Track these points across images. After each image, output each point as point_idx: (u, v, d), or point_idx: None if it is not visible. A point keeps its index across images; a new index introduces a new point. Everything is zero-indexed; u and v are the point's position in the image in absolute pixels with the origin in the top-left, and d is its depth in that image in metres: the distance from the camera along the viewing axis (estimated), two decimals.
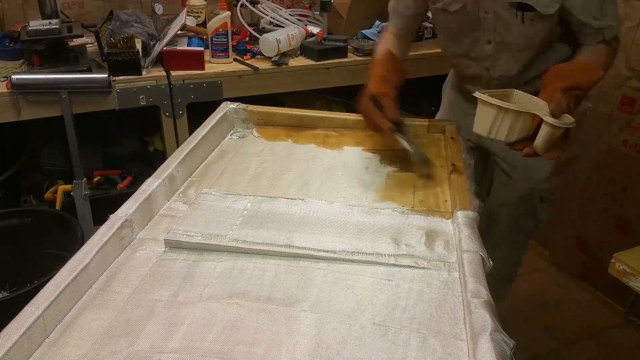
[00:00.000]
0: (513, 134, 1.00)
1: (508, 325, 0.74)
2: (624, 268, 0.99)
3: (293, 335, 0.72)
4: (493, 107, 0.99)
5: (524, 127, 0.99)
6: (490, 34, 1.24)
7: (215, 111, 1.33)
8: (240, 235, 0.91)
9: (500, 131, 1.00)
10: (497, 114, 0.99)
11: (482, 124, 1.02)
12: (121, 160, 2.00)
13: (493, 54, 1.28)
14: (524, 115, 0.98)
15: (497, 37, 1.24)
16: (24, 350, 0.67)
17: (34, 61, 1.67)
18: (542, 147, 0.97)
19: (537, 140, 0.97)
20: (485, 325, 0.69)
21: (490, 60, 1.30)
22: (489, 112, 1.00)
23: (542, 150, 0.98)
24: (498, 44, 1.25)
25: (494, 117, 0.99)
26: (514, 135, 1.00)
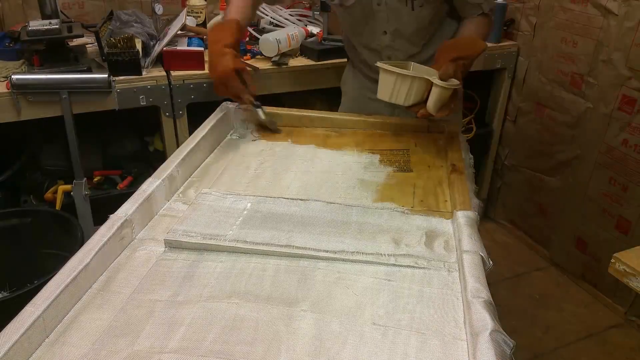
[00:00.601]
0: (410, 97, 1.15)
1: (508, 325, 0.74)
2: (624, 268, 0.99)
3: (293, 335, 0.72)
4: (392, 74, 1.14)
5: (419, 91, 1.14)
6: (384, 25, 1.35)
7: (215, 111, 1.33)
8: (240, 235, 0.91)
9: (400, 96, 1.15)
10: (396, 80, 1.14)
11: (384, 90, 1.17)
12: (121, 160, 2.00)
13: (390, 43, 1.38)
14: (417, 80, 1.13)
15: (390, 26, 1.35)
16: (24, 350, 0.67)
17: (34, 61, 1.67)
18: (434, 106, 1.13)
19: (429, 101, 1.13)
20: (485, 325, 0.69)
21: (389, 49, 1.40)
22: (389, 79, 1.15)
23: (434, 110, 1.13)
24: (393, 33, 1.36)
25: (394, 83, 1.14)
26: (411, 99, 1.15)
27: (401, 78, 1.13)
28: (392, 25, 1.34)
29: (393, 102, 1.16)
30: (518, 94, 2.38)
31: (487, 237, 2.54)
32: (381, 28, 1.36)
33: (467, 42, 1.24)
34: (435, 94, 1.11)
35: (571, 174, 2.20)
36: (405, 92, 1.14)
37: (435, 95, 1.11)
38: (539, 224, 2.43)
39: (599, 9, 1.93)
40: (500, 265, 2.34)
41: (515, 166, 2.50)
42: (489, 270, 0.84)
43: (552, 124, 2.24)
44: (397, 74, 1.14)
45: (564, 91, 2.15)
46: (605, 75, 1.96)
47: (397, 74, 1.14)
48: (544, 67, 2.22)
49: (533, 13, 2.22)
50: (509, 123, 2.47)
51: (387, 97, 1.17)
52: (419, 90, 1.14)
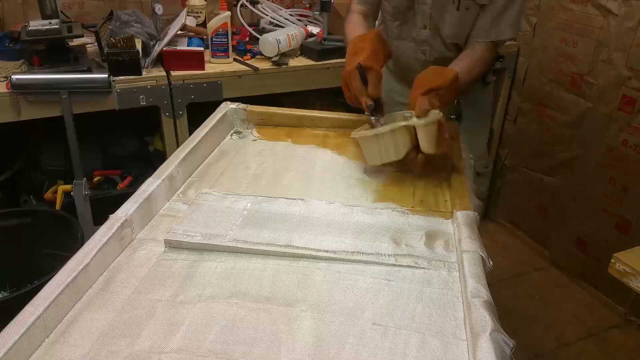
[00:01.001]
0: (400, 150, 1.07)
1: (508, 325, 0.74)
2: (624, 268, 0.99)
3: (293, 335, 0.72)
4: (370, 138, 1.08)
5: (405, 139, 1.06)
6: (426, 19, 1.33)
7: (215, 111, 1.33)
8: (240, 235, 0.91)
9: (389, 153, 1.08)
10: (377, 141, 1.07)
11: (372, 156, 1.11)
12: (121, 160, 2.00)
13: (428, 39, 1.37)
14: (397, 131, 1.06)
15: (431, 22, 1.33)
16: (24, 350, 0.67)
17: (34, 61, 1.67)
18: (429, 147, 1.05)
19: (421, 145, 1.05)
20: (485, 325, 0.69)
21: (425, 44, 1.39)
22: (370, 143, 1.09)
23: (432, 150, 1.05)
24: (432, 29, 1.34)
25: (377, 145, 1.08)
26: (401, 151, 1.07)
27: (380, 137, 1.07)
28: (433, 22, 1.32)
29: (386, 162, 1.10)
30: (518, 94, 2.38)
31: (487, 237, 2.54)
32: (422, 21, 1.34)
33: (433, 72, 1.17)
34: (422, 135, 1.04)
35: (571, 174, 2.20)
36: (392, 147, 1.07)
37: (422, 135, 1.04)
38: (539, 224, 2.43)
39: (599, 9, 1.93)
40: (500, 265, 2.34)
41: (515, 166, 2.50)
42: (489, 270, 0.84)
43: (552, 124, 2.24)
44: (374, 136, 1.07)
45: (564, 91, 2.15)
46: (605, 75, 1.96)
47: (373, 135, 1.07)
48: (544, 67, 2.22)
49: (533, 13, 2.21)
50: (509, 123, 2.47)
51: (378, 161, 1.10)
52: (405, 139, 1.06)
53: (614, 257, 1.01)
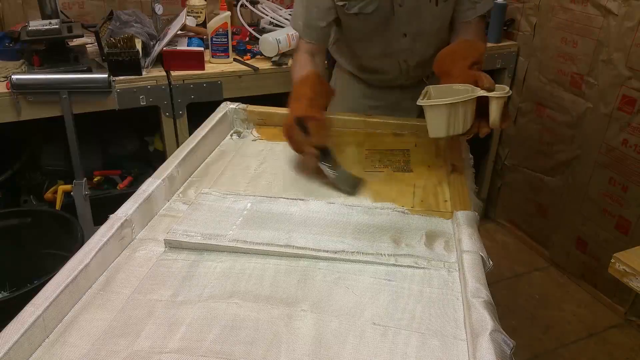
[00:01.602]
0: (467, 122, 1.05)
1: (508, 325, 0.74)
2: (624, 268, 0.99)
3: (293, 335, 0.72)
4: (443, 107, 1.04)
5: (472, 112, 1.05)
6: (405, 27, 1.29)
7: (215, 111, 1.33)
8: (240, 235, 0.91)
9: (457, 125, 1.05)
10: (449, 111, 1.04)
11: (437, 126, 1.07)
12: (121, 160, 2.00)
13: (409, 47, 1.34)
14: (469, 102, 1.03)
15: (412, 27, 1.30)
16: (24, 350, 0.67)
17: (34, 61, 1.67)
18: (498, 119, 1.04)
19: (492, 117, 1.03)
20: (485, 325, 0.69)
21: (406, 52, 1.36)
22: (441, 113, 1.04)
23: (498, 123, 1.04)
24: (414, 33, 1.31)
25: (447, 116, 1.04)
26: (468, 123, 1.05)
27: (453, 107, 1.03)
28: (414, 26, 1.30)
29: (451, 134, 1.06)
30: (518, 94, 2.38)
31: (487, 237, 2.54)
32: (401, 31, 1.31)
33: (471, 45, 1.17)
34: (495, 107, 1.02)
35: (571, 174, 2.20)
36: (461, 119, 1.04)
37: (495, 107, 1.03)
38: (539, 224, 2.43)
39: (599, 9, 1.93)
40: (500, 265, 2.34)
41: (515, 166, 2.50)
42: (489, 270, 0.84)
43: (552, 124, 2.24)
44: (448, 105, 1.03)
45: (564, 91, 2.15)
46: (605, 75, 1.96)
47: (447, 105, 1.03)
48: (544, 67, 2.22)
49: (533, 13, 2.22)
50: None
51: (443, 132, 1.06)
52: (472, 112, 1.05)
53: (614, 257, 1.01)
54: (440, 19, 1.30)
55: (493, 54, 2.26)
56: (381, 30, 1.31)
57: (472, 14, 1.29)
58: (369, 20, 1.28)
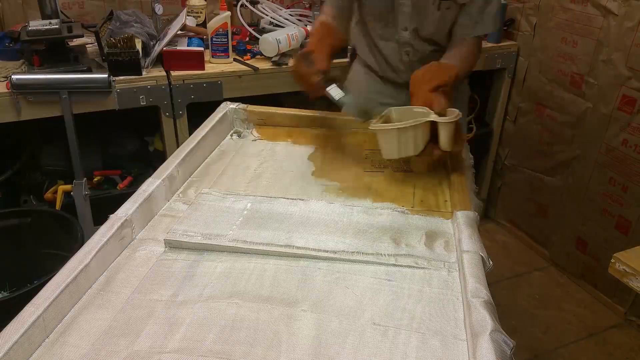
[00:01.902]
0: (418, 145, 1.08)
1: (508, 325, 0.74)
2: (624, 268, 0.99)
3: (293, 335, 0.72)
4: (392, 131, 1.07)
5: (425, 135, 1.07)
6: (407, 21, 1.32)
7: (215, 111, 1.33)
8: (240, 235, 0.91)
9: (407, 148, 1.08)
10: (399, 136, 1.07)
11: (389, 149, 1.10)
12: (121, 160, 2.00)
13: (410, 41, 1.36)
14: (420, 127, 1.06)
15: (412, 23, 1.32)
16: (24, 350, 0.67)
17: (34, 61, 1.67)
18: (448, 144, 1.06)
19: (441, 142, 1.06)
20: (485, 325, 0.69)
21: (407, 46, 1.38)
22: (392, 137, 1.08)
23: (450, 147, 1.07)
24: (413, 30, 1.33)
25: (397, 139, 1.07)
26: (420, 146, 1.08)
27: (403, 131, 1.06)
28: (414, 23, 1.32)
29: (403, 156, 1.10)
30: (518, 94, 2.38)
31: (487, 237, 2.54)
32: (403, 23, 1.33)
33: (437, 69, 1.19)
34: (444, 132, 1.05)
35: (571, 174, 2.20)
36: (412, 142, 1.07)
37: (444, 132, 1.05)
38: (539, 224, 2.43)
39: (599, 9, 1.93)
40: (500, 265, 2.34)
41: (515, 166, 2.50)
42: (489, 270, 0.84)
43: (552, 124, 2.24)
44: (397, 129, 1.06)
45: (564, 91, 2.15)
46: (605, 75, 1.96)
47: (396, 129, 1.06)
48: (544, 67, 2.22)
49: (533, 13, 2.22)
50: (509, 123, 2.47)
51: (395, 155, 1.10)
52: (424, 135, 1.07)
53: (614, 257, 1.01)
54: (440, 25, 1.31)
55: (493, 54, 2.26)
56: (387, 18, 1.34)
57: (469, 32, 1.29)
58: (375, 4, 1.33)
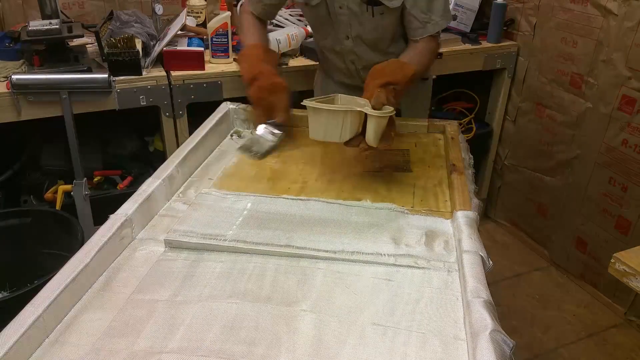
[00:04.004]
0: (345, 133, 1.06)
1: (508, 325, 0.74)
2: (624, 268, 0.99)
3: (293, 335, 0.72)
4: (321, 111, 1.05)
5: (353, 125, 1.06)
6: (346, 29, 1.33)
7: (215, 111, 1.33)
8: (240, 235, 0.91)
9: (334, 133, 1.06)
10: (327, 117, 1.05)
11: (316, 129, 1.08)
12: (121, 160, 2.00)
13: (352, 49, 1.37)
14: (350, 113, 1.04)
15: (352, 31, 1.33)
16: (24, 350, 0.67)
17: (34, 61, 1.67)
18: (374, 138, 1.04)
19: (367, 134, 1.04)
20: (485, 325, 0.69)
21: (352, 54, 1.40)
22: (319, 117, 1.06)
23: (375, 142, 1.05)
24: (355, 38, 1.35)
25: (325, 121, 1.05)
26: (347, 134, 1.06)
27: (332, 114, 1.04)
28: (354, 31, 1.33)
29: (328, 140, 1.08)
30: (518, 94, 2.38)
31: (487, 237, 2.54)
32: (344, 32, 1.34)
33: (395, 66, 1.19)
34: (372, 125, 1.03)
35: (571, 174, 2.20)
36: (339, 128, 1.05)
37: (372, 126, 1.03)
38: (539, 224, 2.43)
39: (599, 9, 1.93)
40: (500, 265, 2.34)
41: (515, 166, 2.50)
42: (489, 270, 0.84)
43: (552, 124, 2.24)
44: (327, 111, 1.04)
45: (564, 91, 2.15)
46: (605, 75, 1.96)
47: (326, 110, 1.04)
48: (543, 67, 2.22)
49: (533, 13, 2.21)
50: (509, 123, 2.47)
51: (320, 136, 1.08)
52: (352, 124, 1.05)
53: (614, 257, 1.01)
54: (379, 30, 1.32)
55: (493, 54, 2.26)
56: (328, 27, 1.36)
57: (421, 33, 1.30)
58: (315, 14, 1.34)
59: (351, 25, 1.32)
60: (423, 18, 1.28)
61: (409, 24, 1.31)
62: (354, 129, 1.07)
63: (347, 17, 1.30)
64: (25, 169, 1.90)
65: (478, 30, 2.27)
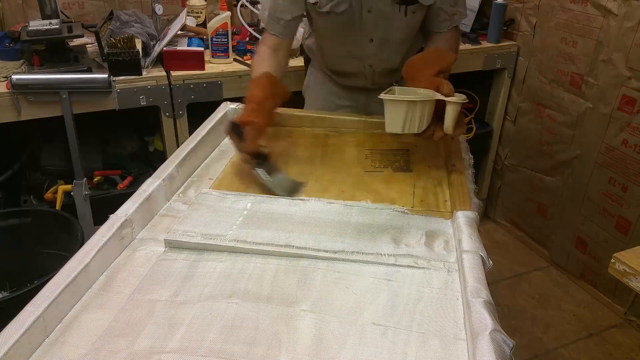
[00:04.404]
0: (423, 123, 1.08)
1: (508, 325, 0.74)
2: (624, 268, 0.99)
3: (293, 335, 0.72)
4: (402, 103, 1.06)
5: (430, 114, 1.08)
6: (372, 32, 1.30)
7: (215, 111, 1.33)
8: (240, 235, 0.91)
9: (412, 124, 1.07)
10: (407, 109, 1.05)
11: (395, 122, 1.08)
12: (121, 160, 2.00)
13: (376, 52, 1.35)
14: (428, 104, 1.06)
15: (378, 33, 1.31)
16: (24, 350, 0.67)
17: (34, 61, 1.67)
18: (452, 125, 1.06)
19: (446, 121, 1.06)
20: (485, 325, 0.69)
21: (372, 57, 1.37)
22: (400, 109, 1.06)
23: (452, 129, 1.07)
24: (380, 39, 1.32)
25: (405, 113, 1.06)
26: (424, 124, 1.08)
27: (413, 105, 1.05)
28: (381, 32, 1.31)
29: (406, 132, 1.08)
30: (518, 94, 2.38)
31: (487, 237, 2.54)
32: (368, 35, 1.32)
33: (440, 55, 1.19)
34: (451, 113, 1.05)
35: (571, 174, 2.20)
36: (417, 119, 1.06)
37: (451, 113, 1.05)
38: (539, 224, 2.43)
39: (599, 9, 1.93)
40: (500, 265, 2.34)
41: (515, 166, 2.50)
42: (488, 270, 0.84)
43: (552, 124, 2.24)
44: (407, 102, 1.05)
45: (564, 91, 2.15)
46: (605, 75, 1.96)
47: (407, 102, 1.05)
48: (543, 67, 2.22)
49: (533, 13, 2.21)
50: (509, 123, 2.47)
51: (399, 129, 1.08)
52: (430, 114, 1.07)
53: (614, 257, 1.01)
54: (408, 29, 1.32)
55: (493, 54, 2.26)
56: (350, 33, 1.31)
57: (448, 24, 1.31)
58: (338, 21, 1.28)
59: (378, 27, 1.29)
60: (451, 11, 1.29)
61: (436, 17, 1.30)
62: (430, 118, 1.08)
63: (374, 20, 1.28)
64: (25, 169, 1.90)
65: (478, 30, 2.27)
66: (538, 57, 2.23)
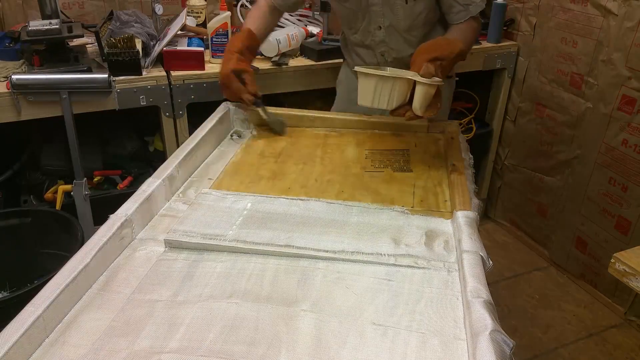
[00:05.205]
0: (393, 100, 1.09)
1: (508, 325, 0.74)
2: (624, 268, 0.99)
3: (293, 335, 0.72)
4: (372, 77, 1.08)
5: (401, 93, 1.09)
6: (379, 20, 1.38)
7: (215, 111, 1.33)
8: (240, 235, 0.91)
9: (382, 99, 1.09)
10: (377, 83, 1.08)
11: (365, 95, 1.10)
12: (121, 160, 2.00)
13: (384, 39, 1.40)
14: (399, 81, 1.07)
15: (385, 21, 1.38)
16: (24, 350, 0.67)
17: (34, 61, 1.67)
18: (421, 106, 1.08)
19: (414, 102, 1.08)
20: (485, 325, 0.69)
21: (383, 45, 1.44)
22: (369, 83, 1.08)
23: (421, 110, 1.08)
24: (387, 28, 1.39)
25: (374, 87, 1.08)
26: (394, 102, 1.09)
27: (382, 80, 1.07)
28: (387, 20, 1.36)
29: (375, 107, 1.10)
30: (518, 94, 2.38)
31: (487, 237, 2.54)
32: (376, 23, 1.38)
33: (444, 42, 1.21)
34: (420, 93, 1.06)
35: (571, 174, 2.20)
36: (387, 95, 1.08)
37: (420, 93, 1.06)
38: (539, 224, 2.43)
39: (599, 9, 1.93)
40: (500, 265, 2.34)
41: (515, 166, 2.50)
42: (488, 270, 0.84)
43: (552, 124, 2.24)
44: (378, 77, 1.07)
45: (564, 91, 2.15)
46: (605, 75, 1.96)
47: (377, 76, 1.07)
48: (543, 67, 2.22)
49: (533, 13, 2.21)
50: (509, 123, 2.47)
51: (368, 103, 1.10)
52: (401, 92, 1.08)
53: (614, 257, 1.01)
54: (411, 17, 1.35)
55: (493, 54, 2.26)
56: (360, 19, 1.39)
57: (463, 16, 1.32)
58: (347, 7, 1.38)
59: (384, 14, 1.35)
60: (464, 1, 1.31)
61: (450, 8, 1.33)
62: (402, 97, 1.10)
63: (380, 7, 1.34)
64: (25, 169, 1.90)
65: None
66: (538, 57, 2.23)
